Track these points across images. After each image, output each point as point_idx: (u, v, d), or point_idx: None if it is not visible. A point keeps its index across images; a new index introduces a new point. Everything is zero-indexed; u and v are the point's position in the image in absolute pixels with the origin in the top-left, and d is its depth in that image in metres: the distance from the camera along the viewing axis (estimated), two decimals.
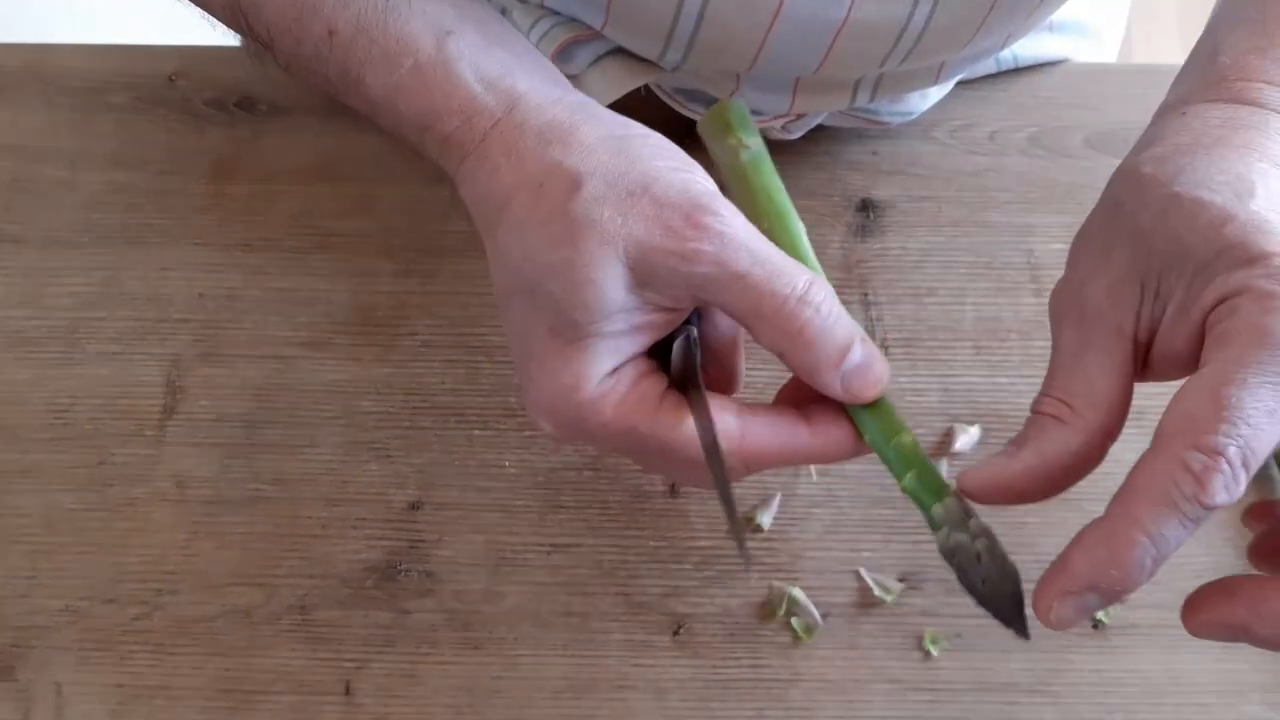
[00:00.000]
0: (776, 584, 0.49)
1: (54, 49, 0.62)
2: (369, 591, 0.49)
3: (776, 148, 0.58)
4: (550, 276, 0.36)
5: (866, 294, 0.55)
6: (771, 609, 0.49)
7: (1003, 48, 0.54)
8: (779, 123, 0.56)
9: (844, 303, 0.54)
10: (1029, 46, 0.61)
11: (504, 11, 0.57)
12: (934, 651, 0.48)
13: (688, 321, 0.39)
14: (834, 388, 0.37)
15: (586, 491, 0.51)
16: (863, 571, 0.49)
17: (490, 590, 0.49)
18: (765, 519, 0.50)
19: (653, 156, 0.38)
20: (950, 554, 0.37)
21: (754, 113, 0.55)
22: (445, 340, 0.54)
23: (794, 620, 0.48)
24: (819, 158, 0.59)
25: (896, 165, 0.59)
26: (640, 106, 0.56)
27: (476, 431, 0.52)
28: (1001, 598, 0.37)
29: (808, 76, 0.51)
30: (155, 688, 0.47)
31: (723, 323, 0.40)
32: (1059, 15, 0.61)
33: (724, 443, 0.37)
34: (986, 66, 0.60)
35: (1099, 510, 0.53)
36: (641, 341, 0.38)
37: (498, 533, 0.50)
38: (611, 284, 0.36)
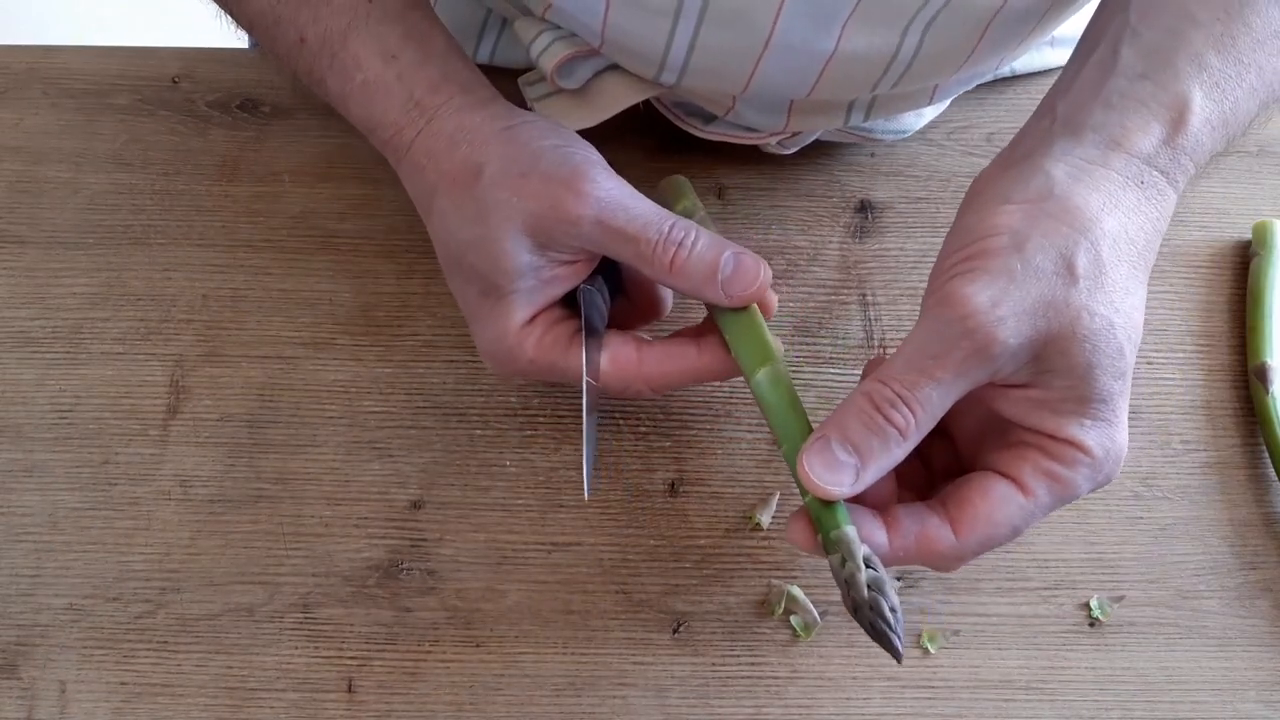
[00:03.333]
0: (775, 582, 0.49)
1: (58, 51, 0.62)
2: (371, 590, 0.49)
3: (773, 161, 0.59)
4: (469, 250, 0.44)
5: (865, 294, 0.56)
6: (770, 607, 0.49)
7: (997, 69, 0.55)
8: (775, 139, 0.56)
9: (842, 304, 0.56)
10: (1028, 60, 0.61)
11: (506, 23, 0.58)
12: (931, 649, 0.48)
13: (599, 272, 0.46)
14: (721, 299, 0.43)
15: None
16: None
17: (491, 588, 0.49)
18: (764, 518, 0.50)
19: (540, 138, 0.45)
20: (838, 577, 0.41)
21: (751, 129, 0.56)
22: (447, 340, 0.54)
23: (793, 618, 0.49)
24: (817, 160, 0.59)
25: (894, 167, 0.59)
26: (639, 120, 0.57)
27: (478, 431, 0.52)
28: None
29: (801, 99, 0.51)
30: (158, 685, 0.47)
31: None
32: (1059, 30, 0.61)
33: (625, 368, 0.45)
34: (983, 81, 0.61)
35: (1094, 508, 0.53)
36: (551, 293, 0.45)
37: (498, 531, 0.50)
38: (517, 250, 0.43)
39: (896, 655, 0.39)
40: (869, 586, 0.39)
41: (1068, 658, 0.48)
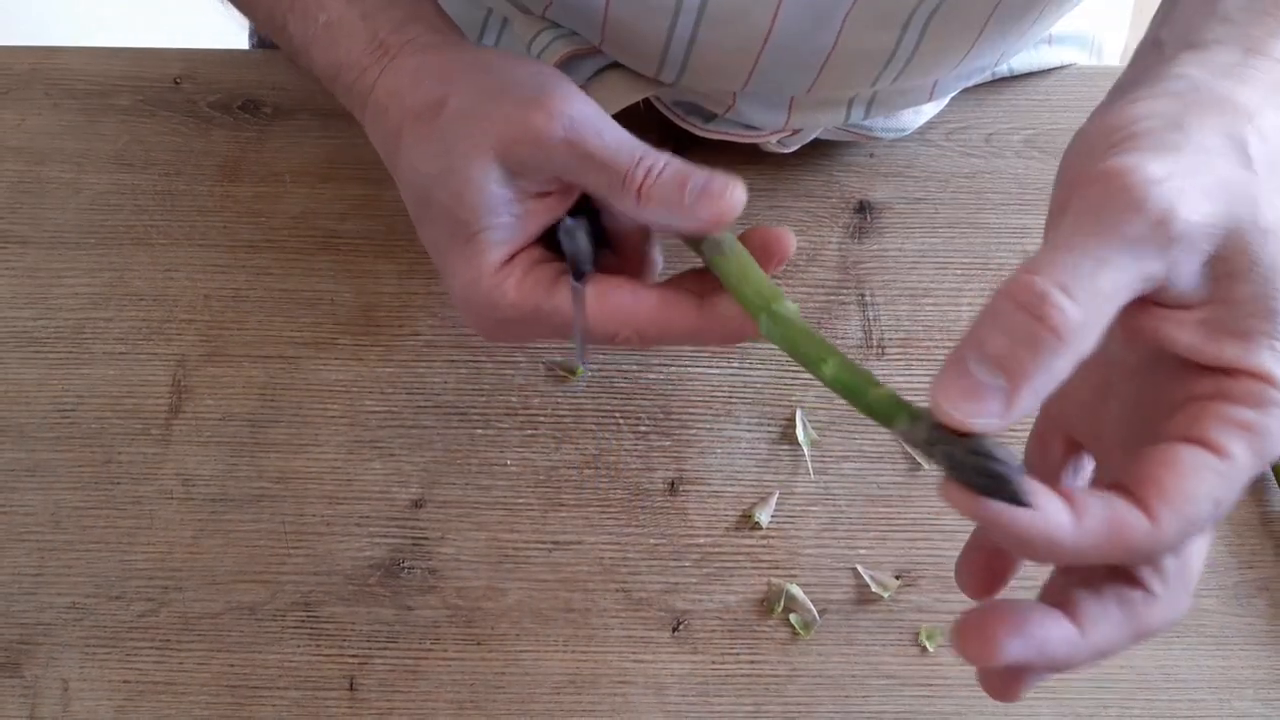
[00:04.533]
0: (775, 581, 0.50)
1: (60, 51, 0.62)
2: (372, 588, 0.49)
3: (773, 161, 0.59)
4: (436, 187, 0.41)
5: (863, 295, 0.56)
6: (770, 605, 0.49)
7: (997, 65, 0.55)
8: (775, 137, 0.56)
9: (841, 304, 0.56)
10: (1027, 59, 0.62)
11: (506, 22, 0.58)
12: (930, 647, 0.48)
13: (581, 212, 0.42)
14: (690, 222, 0.39)
15: (587, 489, 0.51)
16: (860, 568, 0.50)
17: (492, 587, 0.49)
18: (763, 516, 0.51)
19: (511, 66, 0.42)
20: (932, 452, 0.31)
21: (751, 127, 0.56)
22: (447, 340, 0.54)
23: (792, 616, 0.49)
24: (816, 160, 0.59)
25: (893, 167, 0.59)
26: (640, 118, 0.57)
27: (478, 430, 0.52)
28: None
29: (801, 95, 0.52)
30: (161, 684, 0.47)
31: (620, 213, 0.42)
32: (1057, 28, 0.61)
33: (614, 309, 0.40)
34: (982, 78, 0.61)
35: None
36: (528, 229, 0.41)
37: (499, 530, 0.50)
38: (487, 181, 0.40)
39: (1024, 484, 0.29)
40: (974, 452, 0.30)
41: None
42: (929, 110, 0.59)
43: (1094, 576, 0.32)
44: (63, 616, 0.48)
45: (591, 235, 0.43)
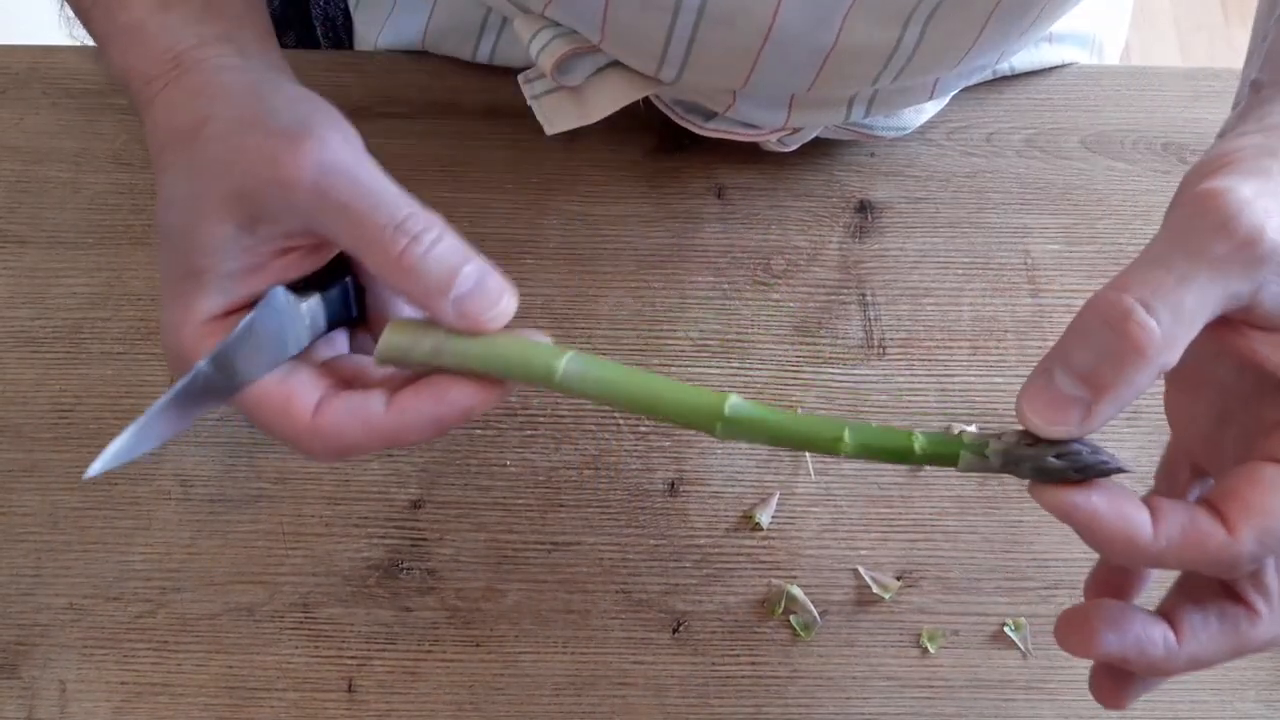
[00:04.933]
0: (775, 582, 0.49)
1: (58, 51, 0.62)
2: (371, 589, 0.49)
3: (773, 161, 0.59)
4: (174, 213, 0.37)
5: (864, 294, 0.56)
6: (770, 606, 0.49)
7: (998, 63, 0.55)
8: (775, 136, 0.56)
9: (842, 303, 0.56)
10: (1028, 57, 0.61)
11: (505, 22, 0.58)
12: (931, 648, 0.48)
13: (333, 287, 0.38)
14: (448, 316, 0.35)
15: (586, 490, 0.51)
16: (860, 569, 0.50)
17: (491, 588, 0.49)
18: (763, 517, 0.50)
19: (279, 93, 0.38)
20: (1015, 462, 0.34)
21: (751, 126, 0.56)
22: None
23: (792, 618, 0.49)
24: (817, 160, 0.59)
25: (894, 167, 0.59)
26: (639, 115, 0.57)
27: (478, 431, 0.52)
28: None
29: (801, 94, 0.51)
30: (158, 685, 0.47)
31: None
32: (1058, 26, 0.61)
33: (291, 411, 0.36)
34: (983, 76, 0.61)
35: None
36: (253, 285, 0.37)
37: (499, 531, 0.50)
38: (219, 219, 0.36)
39: (1117, 468, 0.32)
40: (1054, 454, 0.32)
41: (1067, 658, 0.48)
42: (930, 109, 0.59)
43: (1203, 594, 0.34)
44: (60, 617, 0.48)
45: (339, 311, 0.39)
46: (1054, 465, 0.32)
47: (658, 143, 0.59)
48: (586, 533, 0.50)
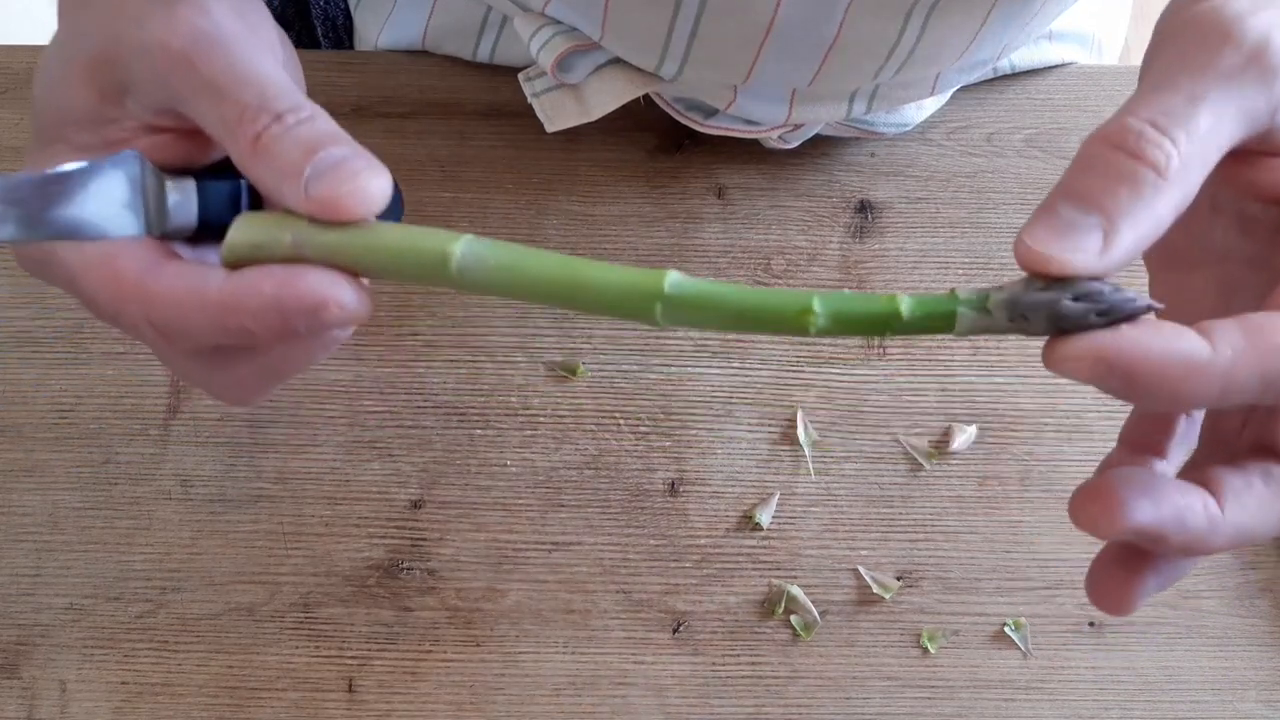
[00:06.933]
0: (775, 582, 0.49)
1: None
2: (371, 589, 0.49)
3: (773, 161, 0.59)
4: (39, 79, 0.34)
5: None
6: (770, 606, 0.49)
7: (1000, 58, 0.55)
8: (776, 133, 0.56)
9: None
10: (1027, 55, 0.61)
11: (505, 21, 0.58)
12: (931, 649, 0.48)
13: (224, 175, 0.32)
14: (298, 201, 0.29)
15: (587, 490, 0.51)
16: (861, 569, 0.50)
17: (491, 588, 0.49)
18: (764, 517, 0.50)
19: None
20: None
21: (753, 123, 0.56)
22: (447, 340, 0.54)
23: (793, 618, 0.49)
24: (817, 159, 0.59)
25: (894, 167, 0.59)
26: (640, 114, 0.57)
27: (478, 431, 0.52)
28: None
29: (803, 88, 0.51)
30: (159, 685, 0.47)
31: None
32: (1058, 24, 0.61)
33: (120, 272, 0.30)
34: (984, 75, 0.61)
35: None
36: None
37: (499, 531, 0.50)
38: (80, 85, 0.32)
39: (1147, 305, 0.26)
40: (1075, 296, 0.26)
41: (1067, 657, 0.48)
42: (930, 105, 0.59)
43: (1238, 456, 0.29)
44: (61, 617, 0.48)
45: (222, 205, 0.32)
46: (1073, 308, 0.26)
47: (658, 142, 0.59)
48: (586, 533, 0.50)
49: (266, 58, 0.31)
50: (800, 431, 0.52)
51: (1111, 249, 0.26)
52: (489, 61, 0.60)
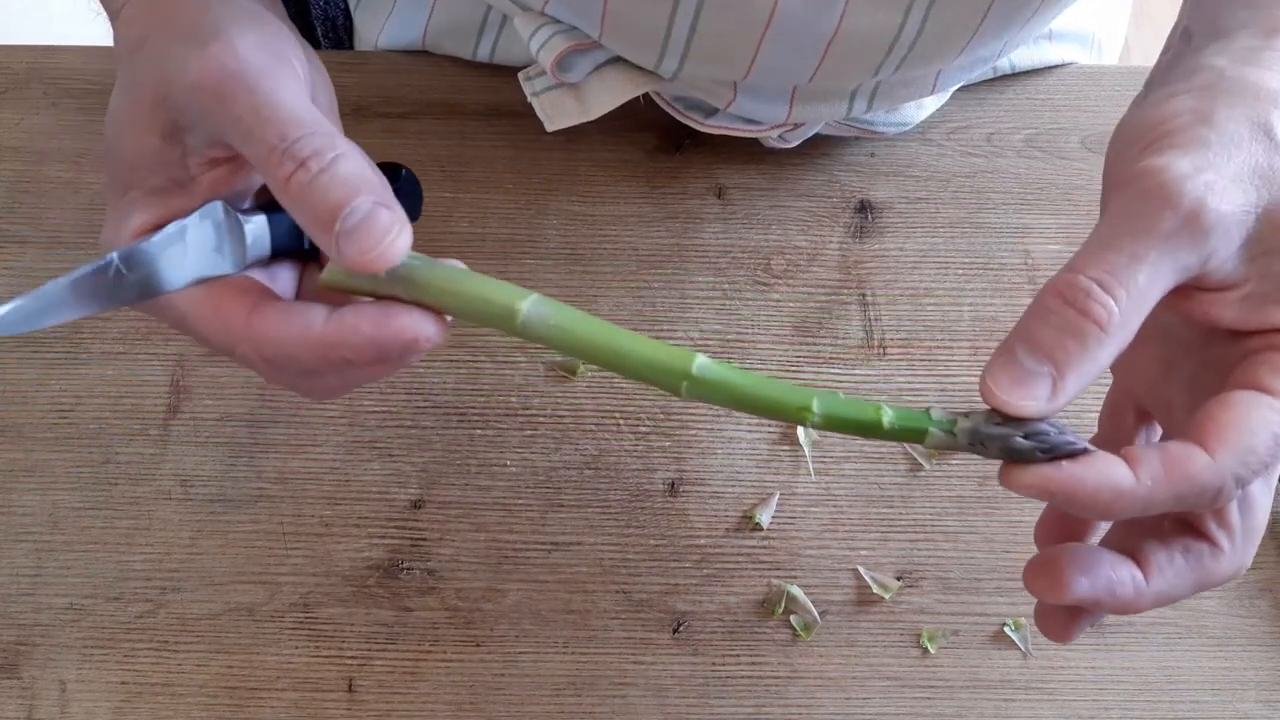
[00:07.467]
0: (775, 582, 0.49)
1: (58, 50, 0.62)
2: (371, 589, 0.49)
3: (773, 161, 0.59)
4: (109, 128, 0.36)
5: (864, 295, 0.56)
6: (770, 607, 0.49)
7: (999, 56, 0.55)
8: (776, 132, 0.56)
9: (842, 303, 0.56)
10: (1027, 55, 0.61)
11: (505, 21, 0.58)
12: (931, 649, 0.48)
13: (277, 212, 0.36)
14: (333, 252, 0.32)
15: (587, 490, 0.51)
16: (861, 569, 0.50)
17: (491, 588, 0.49)
18: (764, 517, 0.50)
19: (235, 7, 0.36)
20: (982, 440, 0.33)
21: (753, 122, 0.56)
22: (447, 341, 0.54)
23: (793, 618, 0.49)
24: (817, 159, 0.59)
25: (894, 167, 0.59)
26: (640, 114, 0.57)
27: (478, 431, 0.52)
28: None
29: (803, 85, 0.51)
30: (159, 685, 0.47)
31: None
32: (1058, 24, 0.61)
33: (228, 307, 0.35)
34: (984, 74, 0.61)
35: None
36: (176, 203, 0.35)
37: (499, 531, 0.50)
38: (143, 131, 0.35)
39: (1084, 449, 0.32)
40: (1024, 435, 0.32)
41: (1067, 657, 0.48)
42: (930, 105, 0.59)
43: (1161, 530, 0.35)
44: (60, 617, 0.48)
45: (289, 233, 0.37)
46: (1022, 445, 0.31)
47: (658, 142, 0.59)
48: (586, 533, 0.50)
49: (290, 88, 0.34)
50: (800, 431, 0.52)
51: (1058, 396, 0.31)
52: (489, 61, 0.60)
